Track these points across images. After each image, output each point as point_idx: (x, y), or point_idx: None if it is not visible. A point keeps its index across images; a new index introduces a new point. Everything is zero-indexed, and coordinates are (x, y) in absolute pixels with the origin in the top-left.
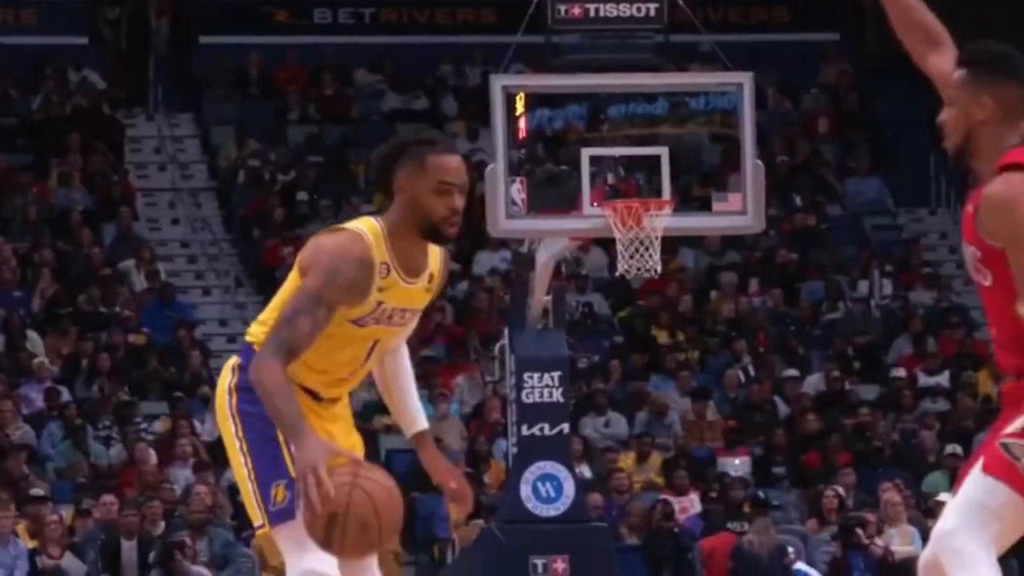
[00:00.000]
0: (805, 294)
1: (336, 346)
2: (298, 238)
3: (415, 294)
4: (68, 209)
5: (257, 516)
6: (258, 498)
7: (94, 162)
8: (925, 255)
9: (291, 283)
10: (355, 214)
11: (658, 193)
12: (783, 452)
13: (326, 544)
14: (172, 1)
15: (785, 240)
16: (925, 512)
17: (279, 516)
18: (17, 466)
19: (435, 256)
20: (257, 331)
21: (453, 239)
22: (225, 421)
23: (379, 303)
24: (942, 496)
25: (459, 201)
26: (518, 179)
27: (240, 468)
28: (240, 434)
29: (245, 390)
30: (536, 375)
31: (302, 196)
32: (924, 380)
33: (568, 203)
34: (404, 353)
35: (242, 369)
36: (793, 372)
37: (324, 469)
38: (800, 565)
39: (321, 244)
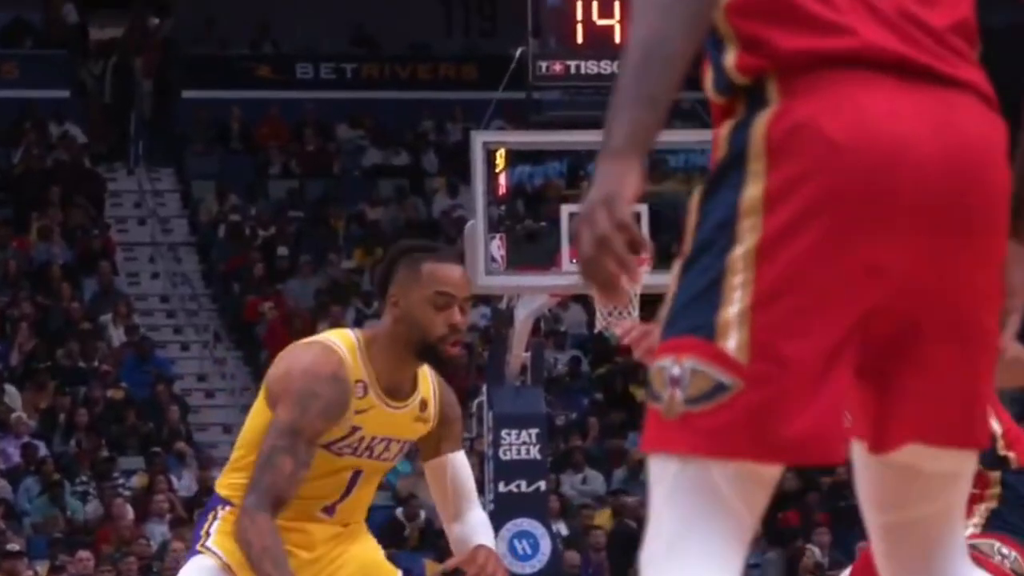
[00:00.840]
0: None
1: (308, 475)
2: (278, 293)
3: (401, 421)
4: (48, 263)
5: None
6: None
7: (74, 216)
8: None
9: (258, 412)
10: (334, 271)
11: None
12: None
13: None
14: (155, 56)
15: None
16: None
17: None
18: None
19: (425, 379)
20: (230, 482)
21: (454, 362)
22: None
23: (354, 428)
24: None
25: (460, 317)
26: (498, 235)
27: None
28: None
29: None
30: (514, 432)
31: (282, 251)
32: None
33: (547, 259)
34: (455, 463)
35: (210, 518)
36: None
37: None
38: None
39: (289, 366)
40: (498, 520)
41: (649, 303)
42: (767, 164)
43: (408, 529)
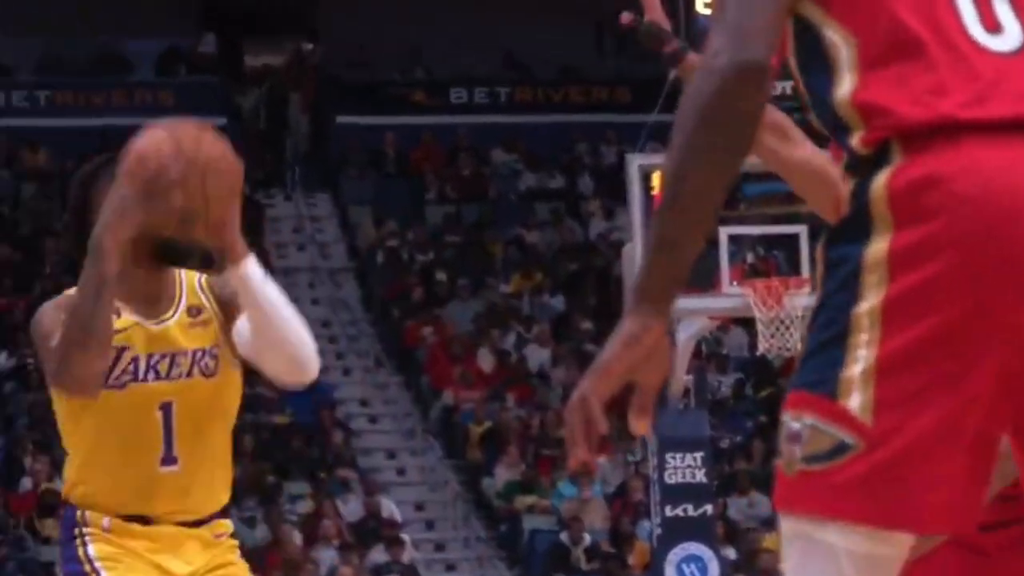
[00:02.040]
0: None
1: (114, 425)
2: (437, 319)
3: (172, 335)
4: None
5: None
6: None
7: None
8: None
9: (55, 400)
10: (493, 295)
11: (797, 271)
12: None
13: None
14: (310, 81)
15: None
16: None
17: None
18: None
19: (191, 288)
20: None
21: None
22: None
23: (120, 349)
24: None
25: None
26: None
27: None
28: None
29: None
30: (679, 455)
31: (440, 276)
32: None
33: (707, 282)
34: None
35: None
36: None
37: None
38: None
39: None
40: (666, 544)
41: None
42: (891, 220)
43: (574, 553)
